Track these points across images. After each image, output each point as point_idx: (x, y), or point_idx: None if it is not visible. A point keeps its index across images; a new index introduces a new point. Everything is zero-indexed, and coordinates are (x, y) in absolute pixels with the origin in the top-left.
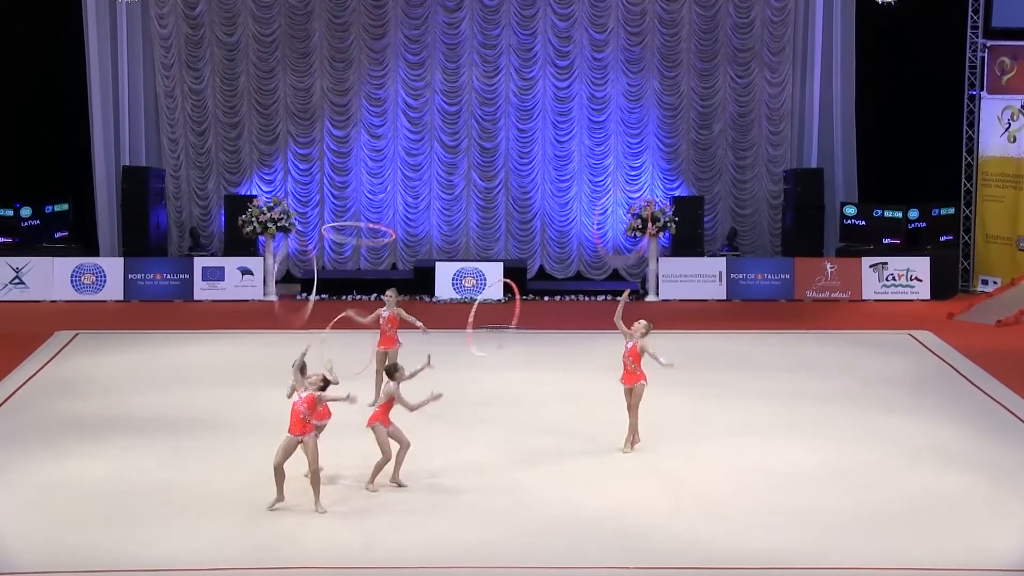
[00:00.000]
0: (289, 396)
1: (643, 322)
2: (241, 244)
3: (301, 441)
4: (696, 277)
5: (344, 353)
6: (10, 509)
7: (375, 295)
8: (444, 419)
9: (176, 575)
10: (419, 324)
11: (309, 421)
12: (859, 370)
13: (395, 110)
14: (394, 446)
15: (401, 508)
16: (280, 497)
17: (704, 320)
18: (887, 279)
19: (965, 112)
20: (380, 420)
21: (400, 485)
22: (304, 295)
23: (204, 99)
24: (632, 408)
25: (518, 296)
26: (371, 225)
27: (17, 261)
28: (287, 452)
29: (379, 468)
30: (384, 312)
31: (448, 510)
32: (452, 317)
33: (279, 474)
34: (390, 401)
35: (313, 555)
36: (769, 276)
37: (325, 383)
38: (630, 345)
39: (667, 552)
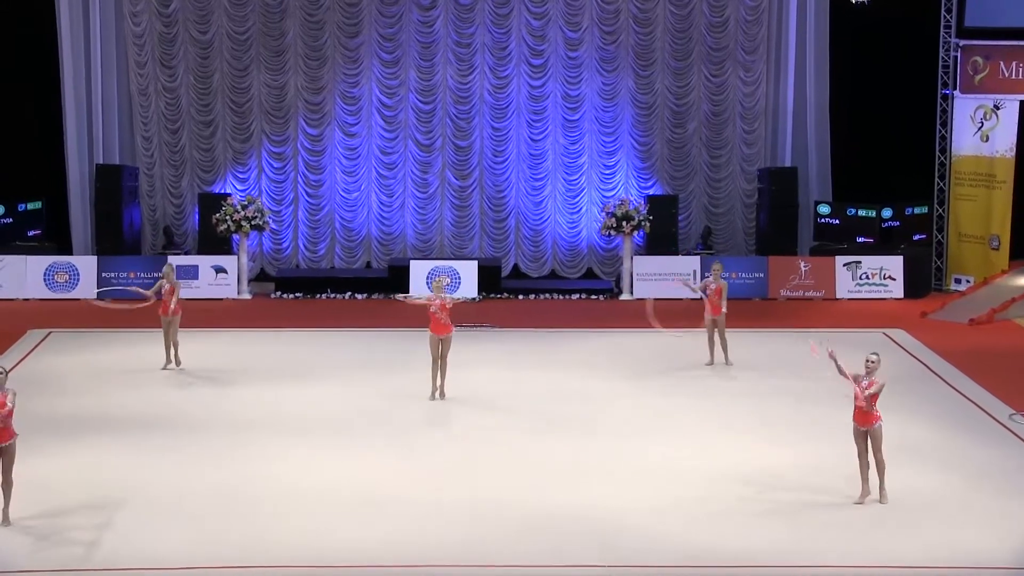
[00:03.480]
0: None
1: (876, 356)
2: (215, 242)
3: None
4: (670, 275)
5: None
6: None
7: (348, 294)
8: (421, 418)
9: (149, 574)
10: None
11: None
12: (833, 368)
13: (369, 108)
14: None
15: (381, 508)
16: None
17: (678, 319)
18: (861, 278)
19: (938, 111)
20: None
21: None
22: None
23: (178, 97)
24: (876, 452)
25: None
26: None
27: None
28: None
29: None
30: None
31: (428, 510)
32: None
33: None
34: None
35: (289, 554)
36: (743, 275)
37: None
38: (866, 383)
39: (646, 551)
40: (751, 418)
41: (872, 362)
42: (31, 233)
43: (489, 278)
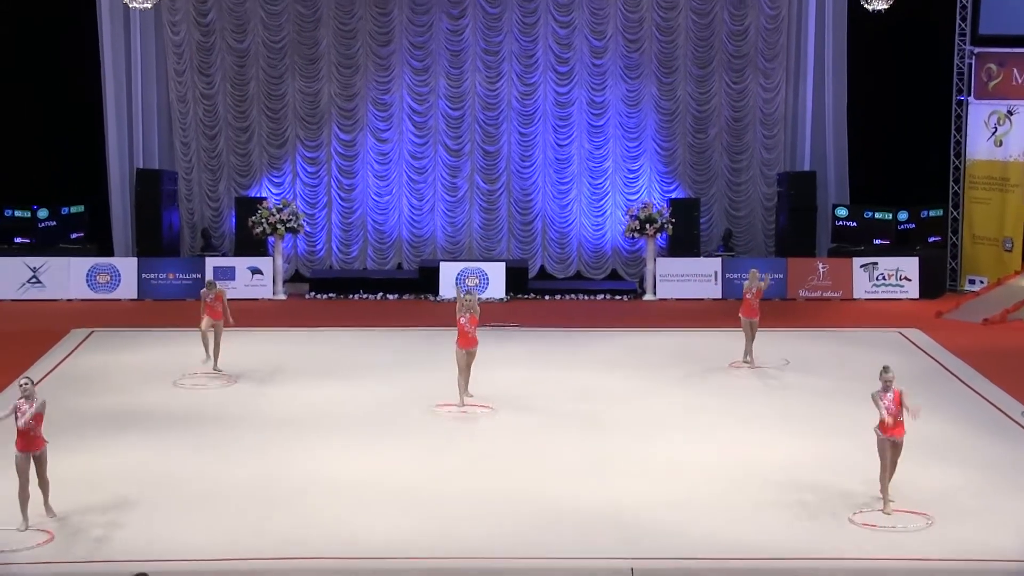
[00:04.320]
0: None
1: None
2: (251, 244)
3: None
4: (692, 277)
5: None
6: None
7: (380, 294)
8: (449, 415)
9: (185, 565)
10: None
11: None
12: (851, 367)
13: (400, 115)
14: None
15: (411, 501)
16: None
17: (700, 318)
18: (877, 279)
19: (953, 117)
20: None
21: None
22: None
23: (215, 104)
24: (893, 464)
25: None
26: None
27: (34, 261)
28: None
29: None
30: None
31: (451, 502)
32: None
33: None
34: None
35: (323, 545)
36: (763, 276)
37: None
38: (891, 395)
39: (667, 544)
40: (771, 415)
41: (889, 380)
42: (74, 236)
43: (516, 279)
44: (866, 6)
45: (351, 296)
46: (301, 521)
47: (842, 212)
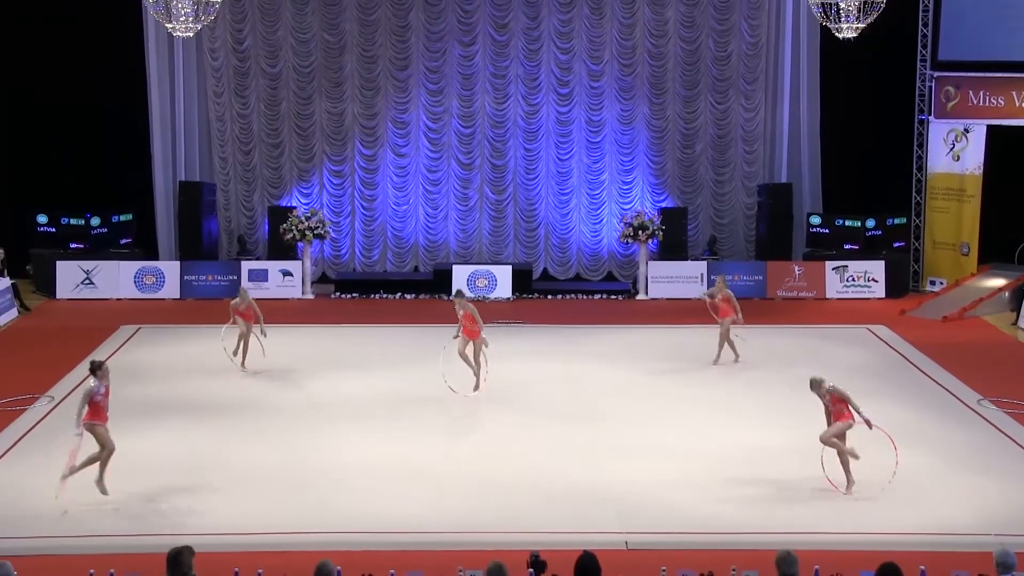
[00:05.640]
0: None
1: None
2: (282, 249)
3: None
4: (680, 278)
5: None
6: (82, 480)
7: (399, 294)
8: (458, 402)
9: (226, 538)
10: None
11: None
12: (823, 359)
13: (417, 132)
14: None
15: (420, 481)
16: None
17: (688, 316)
18: (847, 280)
19: (915, 134)
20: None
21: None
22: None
23: (250, 122)
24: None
25: None
26: None
27: (88, 264)
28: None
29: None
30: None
31: (461, 483)
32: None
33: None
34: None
35: (349, 521)
36: (744, 277)
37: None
38: (828, 398)
39: (658, 519)
40: (751, 405)
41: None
42: (123, 241)
43: (522, 280)
44: (837, 35)
45: (372, 296)
46: (328, 498)
47: (816, 220)
